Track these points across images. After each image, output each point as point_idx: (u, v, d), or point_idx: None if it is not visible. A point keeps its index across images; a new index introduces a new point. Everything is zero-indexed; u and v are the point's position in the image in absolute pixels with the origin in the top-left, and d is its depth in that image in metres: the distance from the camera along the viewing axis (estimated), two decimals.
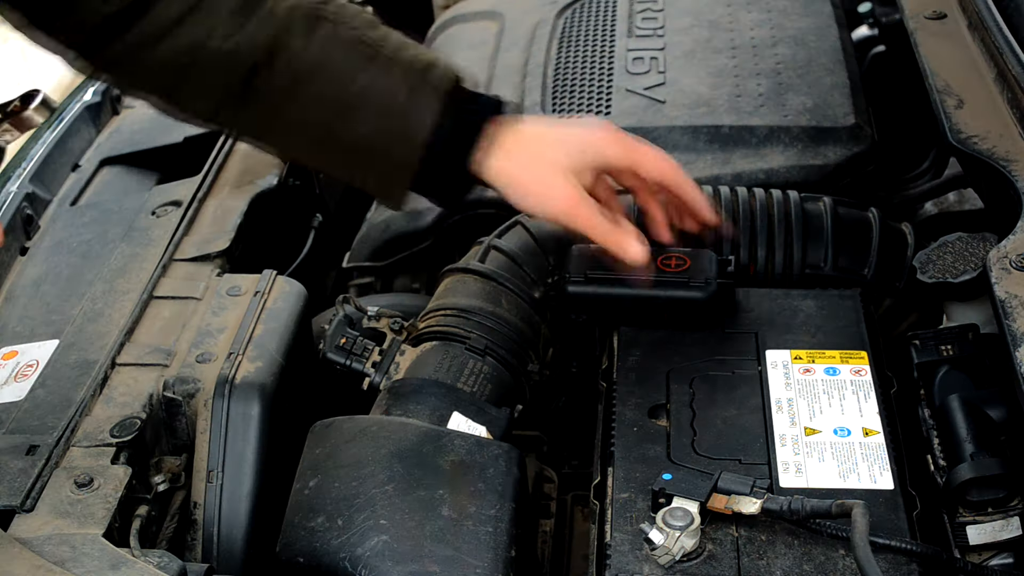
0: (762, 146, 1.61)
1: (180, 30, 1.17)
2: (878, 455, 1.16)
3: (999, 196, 1.33)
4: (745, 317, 1.34)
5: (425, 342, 1.37)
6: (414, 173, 1.24)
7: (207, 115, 1.26)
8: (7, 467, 1.16)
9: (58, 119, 1.76)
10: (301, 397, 1.37)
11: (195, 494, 1.24)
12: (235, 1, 1.18)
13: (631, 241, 1.27)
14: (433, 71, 1.23)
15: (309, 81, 1.20)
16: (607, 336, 1.35)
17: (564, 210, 1.26)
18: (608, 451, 1.19)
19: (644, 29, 1.88)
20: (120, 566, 1.04)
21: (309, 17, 1.20)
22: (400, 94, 1.21)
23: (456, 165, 1.24)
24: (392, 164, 1.24)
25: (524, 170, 1.25)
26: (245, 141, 1.41)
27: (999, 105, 1.39)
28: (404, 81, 1.21)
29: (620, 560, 1.07)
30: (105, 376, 1.29)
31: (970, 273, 1.32)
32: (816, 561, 1.06)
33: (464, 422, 1.26)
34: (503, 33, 1.96)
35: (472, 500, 1.15)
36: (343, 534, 1.12)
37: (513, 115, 1.27)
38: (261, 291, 1.39)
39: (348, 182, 1.29)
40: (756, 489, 1.08)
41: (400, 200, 1.28)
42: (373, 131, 1.22)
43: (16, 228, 1.55)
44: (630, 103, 1.70)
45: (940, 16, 1.57)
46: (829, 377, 1.25)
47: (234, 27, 1.18)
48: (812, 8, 1.89)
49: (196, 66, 1.19)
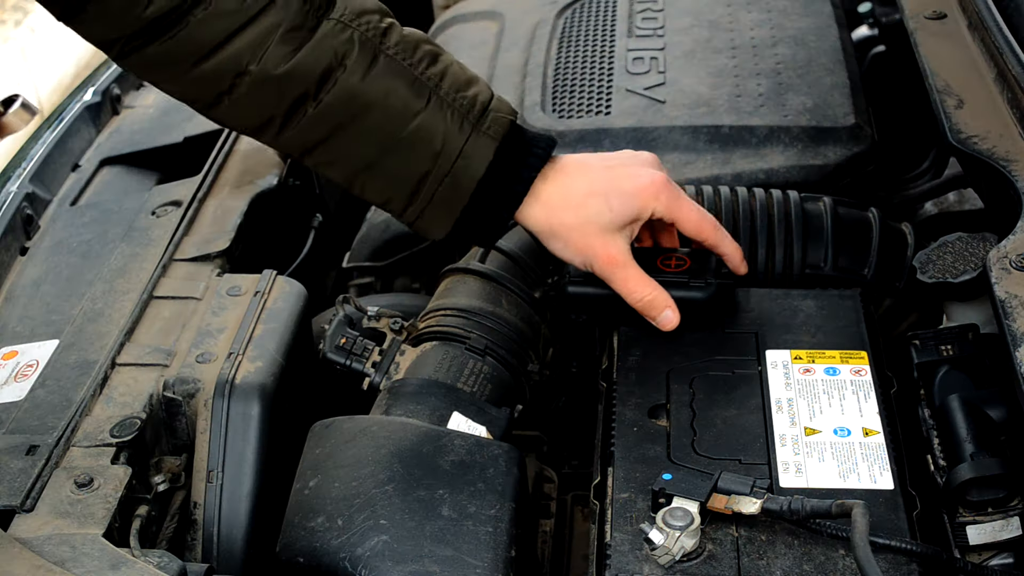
0: (762, 146, 1.61)
1: (227, 50, 1.16)
2: (878, 455, 1.16)
3: (999, 196, 1.33)
4: (745, 317, 1.34)
5: (425, 342, 1.37)
6: (457, 218, 1.24)
7: (249, 130, 1.25)
8: (7, 467, 1.16)
9: (58, 119, 1.76)
10: (301, 397, 1.37)
11: (195, 494, 1.24)
12: (289, 22, 1.17)
13: (663, 310, 1.28)
14: (489, 115, 1.23)
15: (364, 115, 1.20)
16: (607, 336, 1.35)
17: (602, 269, 1.27)
18: (608, 451, 1.19)
19: (644, 29, 1.88)
20: (120, 566, 1.04)
21: (367, 49, 1.19)
22: (455, 139, 1.21)
23: (500, 212, 1.25)
24: (437, 205, 1.24)
25: (564, 224, 1.26)
26: (287, 155, 1.40)
27: (999, 105, 1.39)
28: (460, 125, 1.21)
29: (620, 560, 1.07)
30: (105, 376, 1.29)
31: (970, 273, 1.32)
32: (816, 561, 1.06)
33: (464, 422, 1.26)
34: (503, 33, 1.96)
35: (472, 500, 1.15)
36: (343, 534, 1.12)
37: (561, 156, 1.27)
38: (261, 291, 1.39)
39: (382, 207, 1.29)
40: (756, 489, 1.08)
41: (440, 236, 1.27)
42: (423, 171, 1.22)
43: (16, 228, 1.55)
44: (630, 103, 1.70)
45: (940, 16, 1.57)
46: (829, 377, 1.25)
47: (287, 52, 1.16)
48: (812, 8, 1.89)
49: (243, 85, 1.18)
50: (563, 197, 1.26)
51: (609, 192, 1.27)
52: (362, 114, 1.20)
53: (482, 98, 1.24)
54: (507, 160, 1.23)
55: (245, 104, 1.20)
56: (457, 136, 1.21)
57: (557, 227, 1.27)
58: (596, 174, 1.28)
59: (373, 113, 1.20)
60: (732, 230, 1.43)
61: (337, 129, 1.21)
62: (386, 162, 1.22)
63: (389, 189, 1.25)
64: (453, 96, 1.22)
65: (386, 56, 1.21)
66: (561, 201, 1.26)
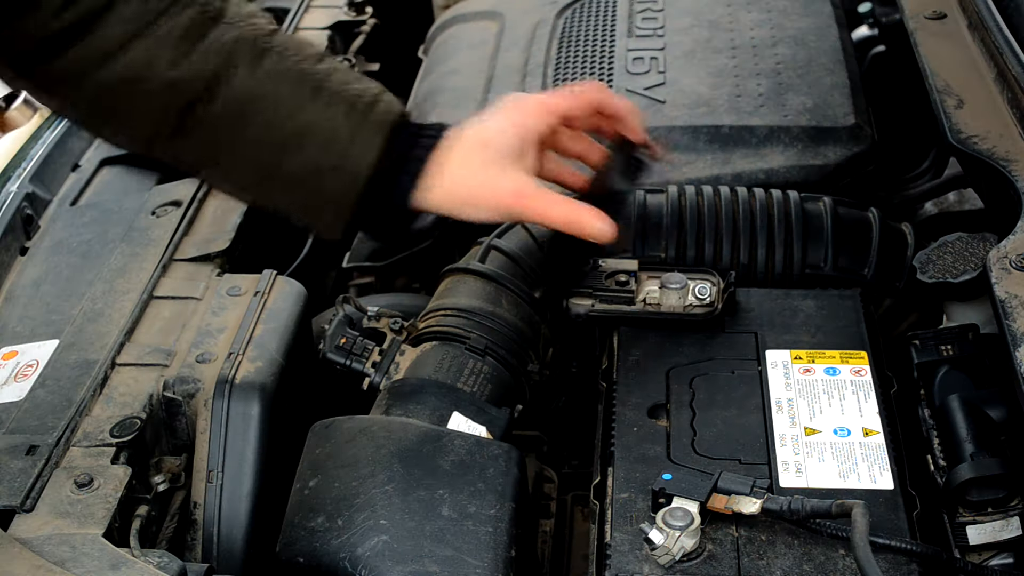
0: (762, 146, 1.61)
1: (124, 55, 1.15)
2: (878, 455, 1.16)
3: (999, 196, 1.33)
4: (745, 317, 1.34)
5: (425, 342, 1.37)
6: (352, 209, 1.22)
7: (141, 142, 1.23)
8: (7, 467, 1.16)
9: (58, 119, 1.76)
10: (301, 397, 1.37)
11: (195, 494, 1.24)
12: (182, 28, 1.16)
13: (590, 219, 1.24)
14: (378, 107, 1.22)
15: (253, 113, 1.19)
16: (607, 336, 1.35)
17: (511, 205, 1.24)
18: (608, 451, 1.19)
19: (644, 29, 1.88)
20: (120, 566, 1.04)
21: (255, 49, 1.19)
22: (344, 129, 1.20)
23: (395, 202, 1.23)
24: (331, 198, 1.22)
25: (463, 184, 1.24)
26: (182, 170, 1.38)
27: (999, 105, 1.39)
28: (348, 116, 1.21)
29: (620, 560, 1.07)
30: (105, 376, 1.29)
31: (970, 273, 1.32)
32: (816, 561, 1.06)
33: (464, 422, 1.26)
34: (503, 33, 1.96)
35: (472, 500, 1.15)
36: (343, 534, 1.12)
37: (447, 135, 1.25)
38: (261, 291, 1.39)
39: (285, 216, 1.27)
40: (756, 489, 1.08)
41: (336, 234, 1.26)
42: (315, 165, 1.20)
43: (16, 228, 1.55)
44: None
45: (940, 16, 1.57)
46: (829, 377, 1.25)
47: (179, 56, 1.16)
48: (812, 8, 1.89)
49: (136, 93, 1.16)
50: (455, 163, 1.23)
51: (494, 134, 1.24)
52: (253, 112, 1.19)
53: (370, 91, 1.23)
54: (398, 148, 1.22)
55: (139, 114, 1.19)
56: (346, 126, 1.20)
57: (457, 193, 1.24)
58: (479, 126, 1.26)
59: (264, 110, 1.19)
60: (732, 230, 1.43)
61: (230, 130, 1.19)
62: (280, 163, 1.21)
63: (290, 193, 1.23)
64: (342, 88, 1.21)
65: (274, 53, 1.20)
66: (453, 167, 1.23)
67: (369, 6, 2.14)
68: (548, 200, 1.24)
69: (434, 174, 1.23)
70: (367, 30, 2.10)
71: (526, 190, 1.23)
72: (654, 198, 1.47)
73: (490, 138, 1.24)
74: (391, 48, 2.14)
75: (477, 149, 1.24)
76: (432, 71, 1.97)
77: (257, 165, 1.22)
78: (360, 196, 1.21)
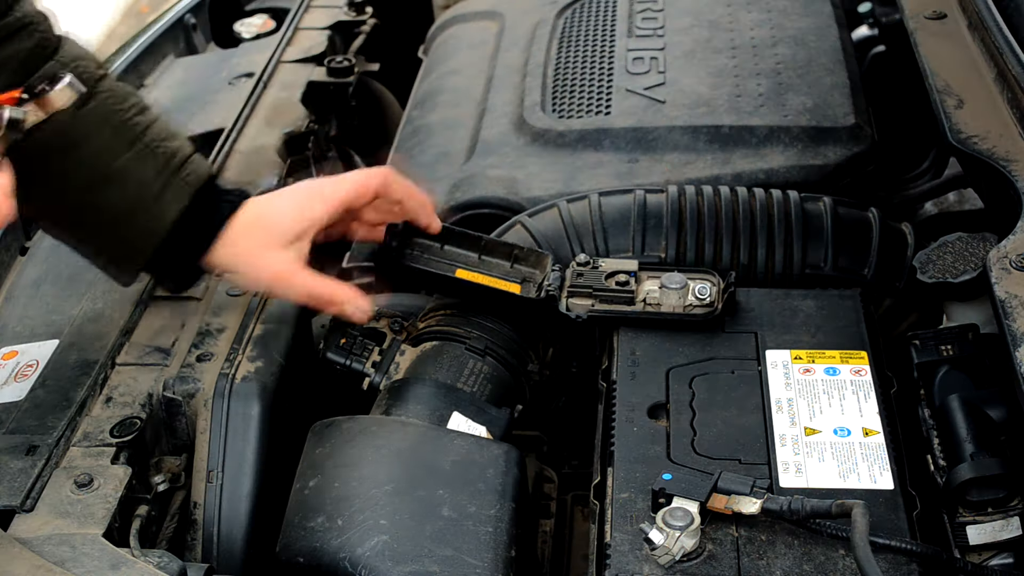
0: (762, 146, 1.61)
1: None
2: (878, 455, 1.16)
3: (999, 196, 1.33)
4: (745, 317, 1.34)
5: (425, 342, 1.37)
6: (148, 258, 1.29)
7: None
8: (7, 467, 1.16)
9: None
10: (301, 397, 1.37)
11: (195, 494, 1.24)
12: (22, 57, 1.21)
13: (345, 300, 1.34)
14: (187, 167, 1.29)
15: (73, 149, 1.23)
16: (607, 336, 1.35)
17: (271, 283, 1.32)
18: (608, 451, 1.19)
19: (644, 29, 1.88)
20: (120, 566, 1.04)
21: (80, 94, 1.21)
22: (154, 184, 1.26)
23: (188, 259, 1.31)
24: (131, 245, 1.29)
25: (241, 255, 1.31)
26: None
27: (999, 105, 1.39)
28: (160, 173, 1.27)
29: (620, 560, 1.07)
30: (105, 376, 1.29)
31: (970, 273, 1.32)
32: (816, 561, 1.06)
33: (464, 422, 1.26)
34: (503, 33, 1.96)
35: (472, 500, 1.15)
36: (343, 534, 1.12)
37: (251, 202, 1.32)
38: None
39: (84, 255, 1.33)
40: (756, 489, 1.08)
41: (129, 279, 1.33)
42: (122, 210, 1.26)
43: (16, 228, 1.55)
44: (630, 103, 1.70)
45: (940, 16, 1.57)
46: (829, 377, 1.25)
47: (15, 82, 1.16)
48: (812, 8, 1.89)
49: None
50: (241, 233, 1.31)
51: (281, 213, 1.33)
52: (73, 148, 1.23)
53: (184, 151, 1.30)
54: (200, 208, 1.29)
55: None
56: (156, 182, 1.27)
57: (234, 261, 1.31)
58: (274, 202, 1.35)
59: (83, 149, 1.24)
60: (732, 230, 1.43)
61: (48, 163, 1.23)
62: (90, 201, 1.26)
63: (93, 232, 1.29)
64: (157, 144, 1.28)
65: (98, 97, 1.25)
66: (239, 237, 1.31)
67: (369, 6, 2.14)
68: (307, 283, 1.32)
69: (224, 238, 1.30)
70: (367, 30, 2.10)
71: (285, 273, 1.31)
72: (654, 198, 1.47)
73: (272, 219, 1.32)
74: (391, 48, 2.14)
75: (258, 226, 1.32)
76: (432, 71, 1.97)
77: (70, 199, 1.27)
78: (156, 249, 1.28)
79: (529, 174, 1.61)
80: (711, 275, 1.36)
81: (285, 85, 1.89)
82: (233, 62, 1.98)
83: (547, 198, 1.55)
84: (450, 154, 1.71)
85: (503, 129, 1.71)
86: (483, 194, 1.58)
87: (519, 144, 1.68)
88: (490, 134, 1.71)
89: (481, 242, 1.41)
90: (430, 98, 1.88)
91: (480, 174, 1.63)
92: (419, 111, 1.86)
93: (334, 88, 1.93)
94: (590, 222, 1.46)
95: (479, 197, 1.58)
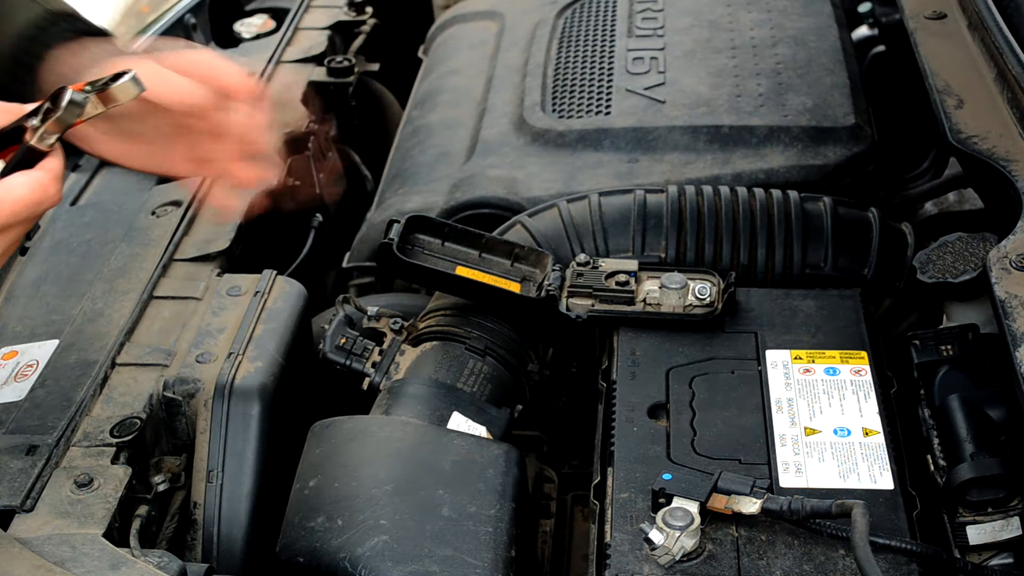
0: (762, 146, 1.61)
1: None
2: (878, 455, 1.16)
3: (999, 196, 1.33)
4: (745, 317, 1.34)
5: (425, 342, 1.37)
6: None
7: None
8: (7, 467, 1.16)
9: None
10: (301, 397, 1.37)
11: (195, 494, 1.24)
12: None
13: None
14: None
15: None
16: (607, 336, 1.35)
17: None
18: (608, 451, 1.19)
19: (644, 29, 1.88)
20: (120, 566, 1.04)
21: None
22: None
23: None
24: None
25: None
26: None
27: (999, 105, 1.39)
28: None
29: (620, 560, 1.07)
30: (105, 376, 1.29)
31: (970, 273, 1.32)
32: (816, 561, 1.06)
33: (464, 422, 1.26)
34: (503, 33, 1.96)
35: (472, 500, 1.15)
36: (343, 534, 1.12)
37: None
38: (261, 291, 1.39)
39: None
40: (756, 489, 1.08)
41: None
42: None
43: None
44: (630, 103, 1.70)
45: (940, 16, 1.57)
46: (829, 377, 1.25)
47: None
48: (812, 8, 1.89)
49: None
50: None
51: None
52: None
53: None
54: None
55: None
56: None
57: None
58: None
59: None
60: (732, 230, 1.43)
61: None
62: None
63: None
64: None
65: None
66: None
67: (369, 6, 2.14)
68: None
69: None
70: (367, 30, 2.10)
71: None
72: (654, 198, 1.47)
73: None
74: (391, 48, 2.14)
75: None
76: (432, 71, 1.97)
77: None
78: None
79: (529, 174, 1.61)
80: (711, 275, 1.36)
81: (285, 85, 1.89)
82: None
83: (547, 198, 1.55)
84: (450, 154, 1.71)
85: (503, 129, 1.71)
86: (483, 194, 1.58)
87: (519, 144, 1.68)
88: (490, 134, 1.71)
89: (482, 240, 1.41)
90: (430, 98, 1.88)
91: (480, 174, 1.63)
92: (419, 111, 1.87)
93: (334, 88, 1.93)
94: (590, 222, 1.46)
95: (479, 197, 1.58)
